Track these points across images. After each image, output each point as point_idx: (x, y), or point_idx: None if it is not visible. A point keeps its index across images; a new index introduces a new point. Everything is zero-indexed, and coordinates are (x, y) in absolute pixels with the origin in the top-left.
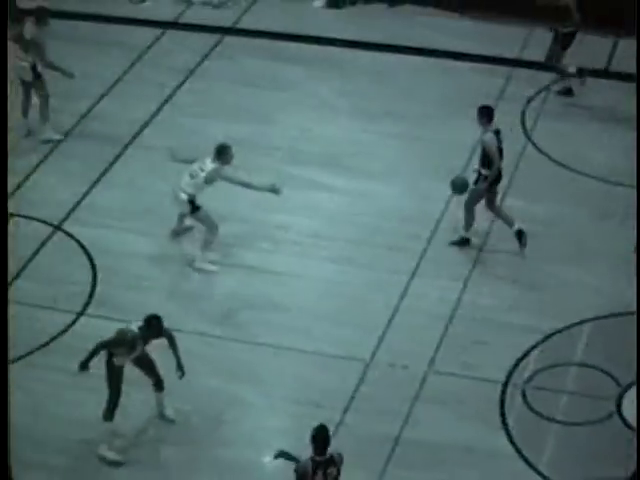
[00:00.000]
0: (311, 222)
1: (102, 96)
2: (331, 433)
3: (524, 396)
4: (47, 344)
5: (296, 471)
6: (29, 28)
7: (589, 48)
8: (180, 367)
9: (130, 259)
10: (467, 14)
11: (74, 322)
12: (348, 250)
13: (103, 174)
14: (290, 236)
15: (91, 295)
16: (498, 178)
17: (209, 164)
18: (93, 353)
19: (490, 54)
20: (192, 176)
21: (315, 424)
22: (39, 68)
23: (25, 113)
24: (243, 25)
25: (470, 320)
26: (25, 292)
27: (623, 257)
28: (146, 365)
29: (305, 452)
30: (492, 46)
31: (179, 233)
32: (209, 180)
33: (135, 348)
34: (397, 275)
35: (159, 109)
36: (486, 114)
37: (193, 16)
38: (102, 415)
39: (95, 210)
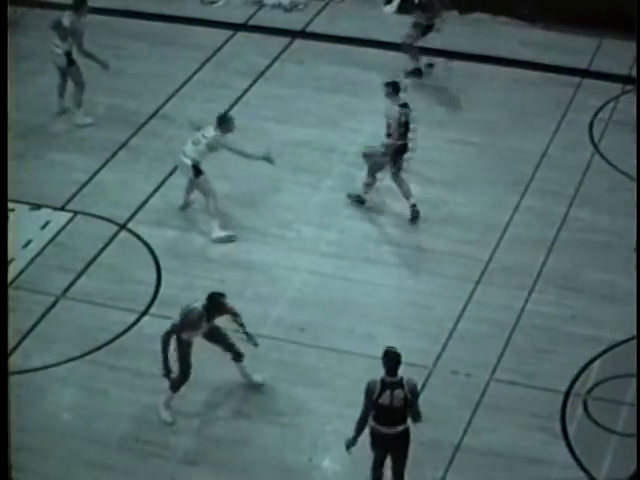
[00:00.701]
0: (376, 227)
1: (171, 96)
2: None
3: (585, 406)
4: (109, 343)
5: (366, 387)
6: (68, 17)
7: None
8: (251, 338)
9: (195, 260)
10: (537, 23)
11: (137, 321)
12: (413, 256)
13: (170, 174)
14: (355, 241)
15: (155, 295)
16: (403, 150)
17: (211, 132)
18: (165, 346)
19: (559, 64)
20: (195, 143)
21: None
22: (73, 55)
23: (60, 94)
24: (314, 29)
25: (533, 329)
26: (89, 290)
27: None
28: (220, 339)
29: None
30: (561, 56)
31: (186, 206)
32: (210, 147)
33: (200, 326)
34: (462, 282)
35: (228, 111)
36: (393, 88)
37: (264, 18)
38: (169, 384)
39: (161, 210)
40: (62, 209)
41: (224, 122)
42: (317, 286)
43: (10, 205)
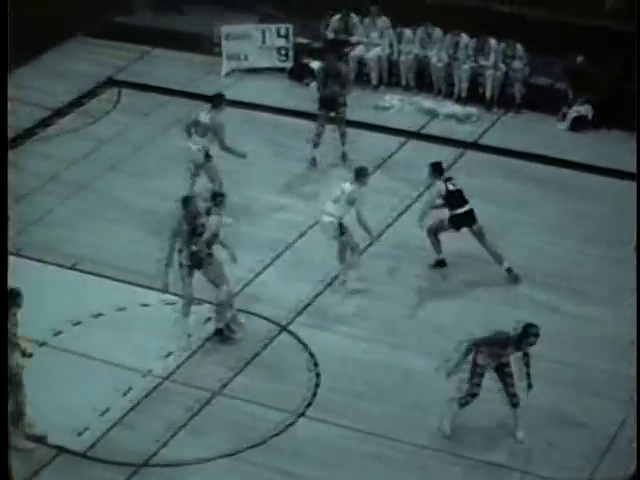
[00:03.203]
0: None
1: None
2: None
3: None
4: (263, 442)
5: None
6: (206, 113)
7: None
8: (530, 384)
9: (353, 365)
10: None
11: (292, 423)
12: (568, 373)
13: (334, 278)
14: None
15: (312, 398)
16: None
17: (348, 186)
18: (466, 353)
19: None
20: (335, 201)
21: None
22: (211, 151)
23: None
24: (486, 141)
25: None
26: (247, 388)
27: None
28: (505, 376)
29: None
30: None
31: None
32: (350, 202)
33: (505, 350)
34: (616, 402)
35: (396, 218)
36: (438, 169)
37: (436, 128)
38: (458, 401)
39: (323, 314)
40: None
41: (361, 175)
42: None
43: (173, 299)
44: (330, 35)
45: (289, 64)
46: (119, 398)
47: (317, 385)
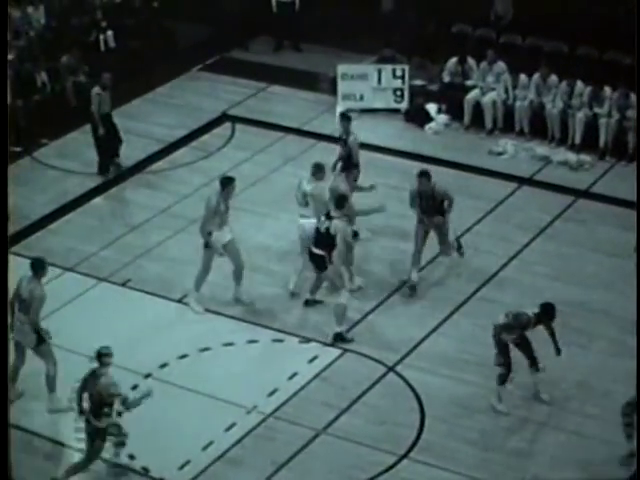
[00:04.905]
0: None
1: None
2: None
3: None
4: None
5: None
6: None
7: None
8: (558, 349)
9: (459, 409)
10: None
11: (395, 464)
12: None
13: (443, 321)
14: (609, 404)
15: (416, 440)
16: None
17: (306, 185)
18: (497, 340)
19: None
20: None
21: None
22: None
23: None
24: (598, 189)
25: None
26: (350, 428)
27: None
28: (526, 347)
29: None
30: None
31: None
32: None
33: (526, 329)
34: None
35: (505, 264)
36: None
37: (549, 175)
38: (497, 380)
39: (431, 356)
40: (331, 345)
41: (319, 170)
42: (577, 447)
43: (280, 336)
44: (446, 78)
45: (404, 105)
46: (222, 433)
47: (421, 427)
